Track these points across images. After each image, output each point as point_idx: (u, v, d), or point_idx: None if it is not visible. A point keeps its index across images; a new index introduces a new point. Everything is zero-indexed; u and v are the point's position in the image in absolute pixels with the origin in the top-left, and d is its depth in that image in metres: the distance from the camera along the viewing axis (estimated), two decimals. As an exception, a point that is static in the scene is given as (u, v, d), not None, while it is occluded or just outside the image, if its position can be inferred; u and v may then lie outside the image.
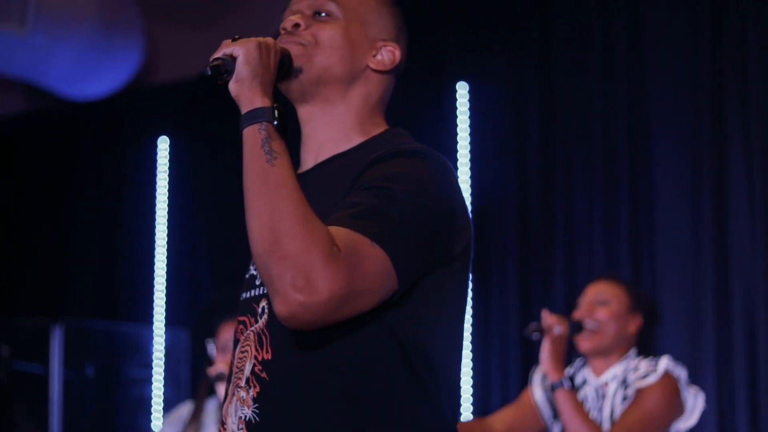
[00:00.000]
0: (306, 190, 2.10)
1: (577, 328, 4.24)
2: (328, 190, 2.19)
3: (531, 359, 6.18)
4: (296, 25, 2.30)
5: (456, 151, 6.59)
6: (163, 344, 7.52)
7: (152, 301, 7.74)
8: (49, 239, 8.45)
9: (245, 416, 2.15)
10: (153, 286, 7.75)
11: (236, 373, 2.21)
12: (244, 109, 2.15)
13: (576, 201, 6.23)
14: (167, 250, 7.80)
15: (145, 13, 8.13)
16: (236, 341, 2.24)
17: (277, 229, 2.01)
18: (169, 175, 7.91)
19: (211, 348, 4.48)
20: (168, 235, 7.86)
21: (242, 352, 2.20)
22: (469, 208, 6.29)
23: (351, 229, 2.04)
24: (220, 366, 4.39)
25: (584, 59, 6.29)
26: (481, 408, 6.40)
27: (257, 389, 2.13)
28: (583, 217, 6.18)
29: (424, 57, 6.94)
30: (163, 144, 7.97)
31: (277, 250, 2.00)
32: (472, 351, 6.46)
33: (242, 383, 2.17)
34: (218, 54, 2.18)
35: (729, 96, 5.79)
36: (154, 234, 7.89)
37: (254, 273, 2.23)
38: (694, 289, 5.76)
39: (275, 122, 2.13)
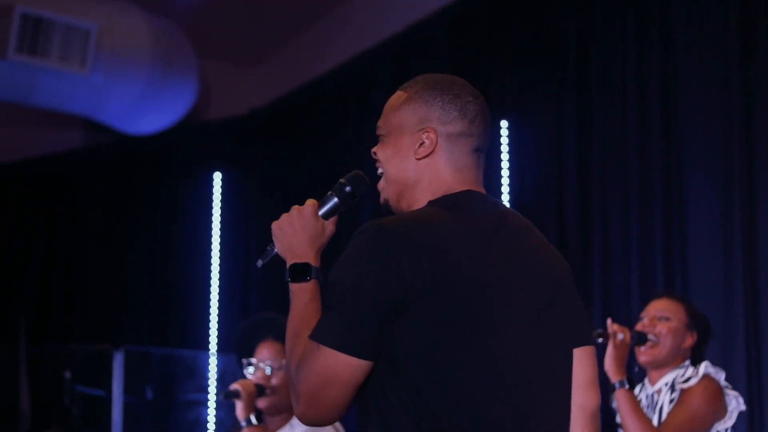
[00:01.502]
0: None
1: (640, 339, 4.51)
2: None
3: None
4: (374, 152, 2.68)
5: (499, 185, 6.76)
6: (216, 369, 7.71)
7: (207, 328, 7.93)
8: (108, 270, 8.64)
9: None
10: (208, 314, 7.95)
11: None
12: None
13: (612, 233, 6.35)
14: (220, 279, 8.00)
15: (198, 51, 8.37)
16: None
17: (288, 355, 2.51)
18: (222, 208, 8.11)
19: (248, 367, 4.56)
20: (221, 265, 8.07)
21: None
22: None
23: (310, 339, 2.43)
24: (235, 384, 4.45)
25: (620, 96, 6.40)
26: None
27: None
28: (619, 245, 6.30)
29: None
30: (217, 178, 8.18)
31: (287, 371, 2.52)
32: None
33: None
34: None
35: (759, 125, 5.91)
36: (209, 264, 8.08)
37: None
38: (726, 303, 5.90)
39: (288, 279, 2.59)
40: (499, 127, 6.76)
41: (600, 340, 4.46)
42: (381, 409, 2.40)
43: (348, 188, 2.70)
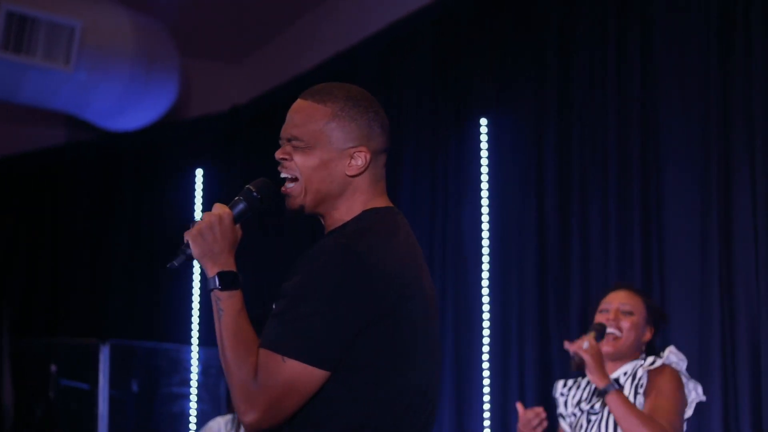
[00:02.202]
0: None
1: (601, 334, 4.56)
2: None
3: (548, 375, 6.42)
4: (283, 158, 2.74)
5: (479, 182, 6.80)
6: (198, 363, 7.75)
7: (190, 322, 7.96)
8: (92, 265, 8.67)
9: None
10: (191, 308, 7.99)
11: None
12: (207, 276, 2.67)
13: (591, 230, 6.37)
14: (201, 274, 8.03)
15: (180, 48, 8.40)
16: None
17: (224, 369, 2.59)
18: (204, 204, 8.13)
19: None
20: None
21: None
22: (488, 235, 6.54)
23: (267, 349, 2.54)
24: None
25: (600, 95, 6.44)
26: (499, 423, 6.63)
27: None
28: (598, 244, 6.31)
29: (447, 94, 7.18)
30: (199, 174, 8.19)
31: (228, 383, 2.59)
32: (490, 369, 6.69)
33: None
34: (184, 240, 2.69)
35: (735, 124, 5.98)
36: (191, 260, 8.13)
37: None
38: (702, 297, 5.96)
39: (218, 286, 2.62)
40: (479, 125, 6.81)
41: (577, 365, 4.53)
42: (316, 411, 2.58)
43: (256, 194, 2.75)
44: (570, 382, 4.77)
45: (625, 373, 4.57)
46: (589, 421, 4.56)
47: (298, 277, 2.57)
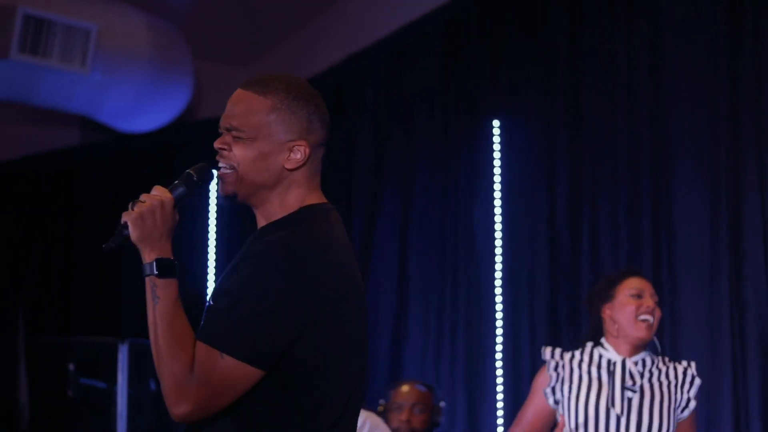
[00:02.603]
0: (234, 260, 2.64)
1: None
2: (236, 260, 2.65)
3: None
4: (222, 148, 2.74)
5: (492, 183, 6.87)
6: None
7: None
8: (107, 264, 8.70)
9: None
10: (204, 307, 8.01)
11: None
12: (143, 261, 2.63)
13: (601, 230, 6.45)
14: (216, 273, 8.08)
15: (193, 51, 8.45)
16: None
17: (156, 358, 2.56)
18: (218, 203, 8.17)
19: None
20: (216, 260, 8.14)
21: None
22: (500, 235, 6.58)
23: (206, 344, 2.52)
24: None
25: (610, 97, 6.51)
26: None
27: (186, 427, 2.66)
28: (608, 244, 6.39)
29: (457, 96, 7.22)
30: (213, 175, 8.21)
31: (158, 373, 2.56)
32: (503, 368, 6.74)
33: None
34: (121, 221, 2.65)
35: (745, 121, 6.04)
36: (206, 259, 8.18)
37: None
38: (712, 297, 6.02)
39: (156, 273, 2.59)
40: (492, 127, 6.86)
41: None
42: (250, 408, 2.58)
43: (196, 179, 2.76)
44: (566, 353, 4.72)
45: (643, 361, 4.60)
46: (624, 397, 4.55)
47: (241, 273, 2.57)
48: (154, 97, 8.22)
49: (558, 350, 4.70)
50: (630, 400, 4.49)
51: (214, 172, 2.79)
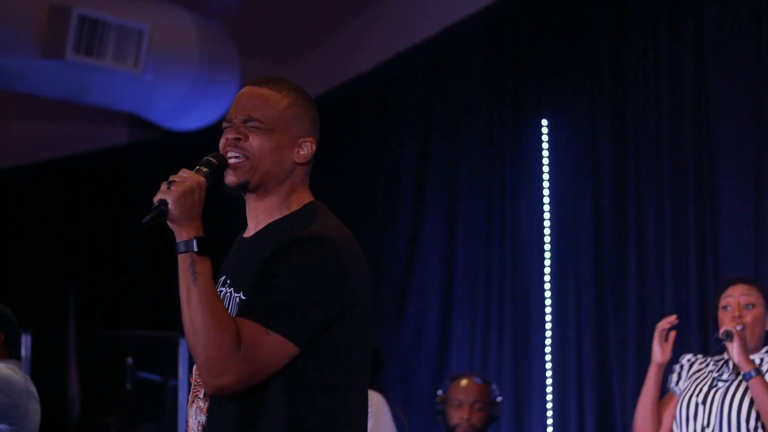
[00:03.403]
0: (249, 252, 2.79)
1: (728, 335, 4.56)
2: (259, 253, 2.75)
3: (606, 370, 6.52)
4: (237, 138, 2.81)
5: (540, 183, 6.91)
6: None
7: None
8: (156, 259, 8.79)
9: (201, 421, 2.80)
10: None
11: (196, 385, 2.85)
12: (177, 240, 2.71)
13: (647, 225, 6.46)
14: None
15: (239, 50, 8.52)
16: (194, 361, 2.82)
17: (195, 332, 2.62)
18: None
19: None
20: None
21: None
22: (549, 233, 6.63)
23: (252, 321, 2.63)
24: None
25: (654, 95, 6.53)
26: (559, 417, 6.73)
27: (208, 404, 2.78)
28: (654, 239, 6.40)
29: (501, 97, 7.26)
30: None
31: (196, 347, 2.63)
32: (552, 369, 6.80)
33: (201, 395, 2.82)
34: (156, 199, 2.72)
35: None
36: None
37: None
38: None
39: (196, 250, 2.68)
40: (540, 126, 6.89)
41: (725, 340, 4.58)
42: (290, 388, 2.68)
43: (217, 164, 2.83)
44: (696, 357, 4.83)
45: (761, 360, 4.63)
46: (713, 386, 4.63)
47: (283, 261, 2.67)
48: (202, 96, 8.28)
49: (687, 356, 4.84)
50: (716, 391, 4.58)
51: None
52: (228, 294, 2.80)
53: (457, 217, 7.40)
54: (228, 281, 2.81)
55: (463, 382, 5.75)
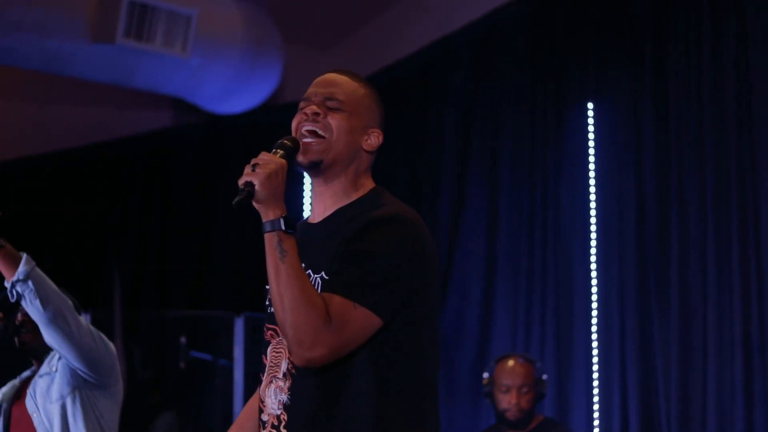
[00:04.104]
0: (322, 236, 2.87)
1: None
2: (333, 236, 2.84)
3: (649, 350, 6.54)
4: (316, 113, 2.91)
5: (586, 165, 6.91)
6: None
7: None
8: (199, 240, 8.83)
9: (283, 400, 2.85)
10: None
11: (272, 366, 2.91)
12: (263, 219, 2.77)
13: (689, 204, 6.49)
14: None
15: (282, 35, 8.55)
16: (267, 342, 2.94)
17: (285, 308, 2.70)
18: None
19: None
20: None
21: (277, 352, 2.90)
22: (595, 215, 6.65)
23: (340, 296, 2.72)
24: None
25: (696, 80, 6.53)
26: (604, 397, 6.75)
27: (290, 382, 2.84)
28: (696, 223, 6.43)
29: (547, 80, 7.27)
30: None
31: (286, 322, 2.70)
32: (598, 348, 6.81)
33: (280, 375, 2.87)
34: (242, 181, 2.78)
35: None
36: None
37: None
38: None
39: (284, 228, 2.74)
40: (586, 110, 6.90)
41: None
42: (374, 360, 2.77)
43: (292, 146, 2.89)
44: None
45: None
46: None
47: (367, 240, 2.77)
48: (246, 80, 8.33)
49: None
50: None
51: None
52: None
53: (500, 200, 7.41)
54: (303, 265, 2.81)
55: (509, 363, 5.78)
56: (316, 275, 2.81)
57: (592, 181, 6.84)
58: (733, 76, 6.42)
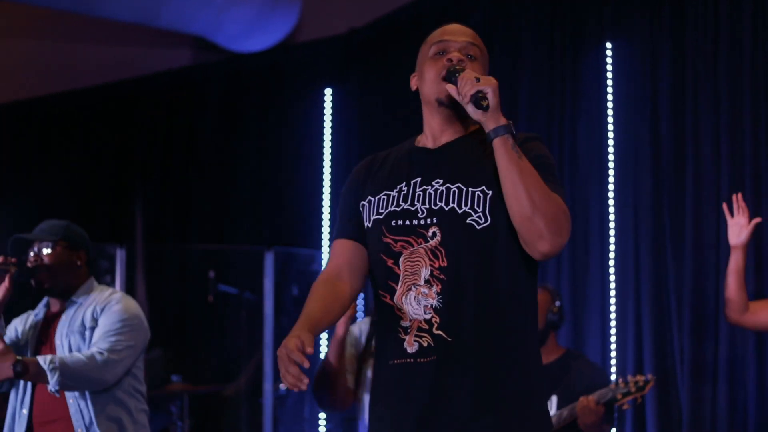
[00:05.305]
0: (453, 156, 3.15)
1: None
2: (465, 158, 3.14)
3: (664, 292, 6.60)
4: (461, 61, 3.18)
5: (605, 105, 6.89)
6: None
7: (320, 228, 8.22)
8: (221, 176, 8.89)
9: (431, 305, 3.03)
10: (320, 216, 8.17)
11: (409, 275, 3.07)
12: (492, 125, 3.03)
13: (703, 144, 6.48)
14: (331, 185, 8.20)
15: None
16: (398, 253, 3.10)
17: (535, 201, 2.96)
18: (333, 119, 8.29)
19: None
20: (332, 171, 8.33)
21: (412, 261, 3.07)
22: (613, 158, 6.66)
23: (558, 195, 3.02)
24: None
25: (713, 22, 6.51)
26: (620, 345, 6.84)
27: (439, 287, 3.03)
28: (710, 158, 6.43)
29: (567, 21, 7.26)
30: (327, 94, 8.31)
31: (537, 213, 2.95)
32: (616, 290, 6.88)
33: (420, 282, 3.05)
34: (473, 90, 3.03)
35: None
36: (321, 172, 8.34)
37: (410, 208, 3.12)
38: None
39: (514, 132, 3.03)
40: (605, 50, 6.93)
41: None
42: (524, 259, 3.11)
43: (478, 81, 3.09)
44: None
45: None
46: None
47: (538, 150, 3.13)
48: (267, 19, 8.37)
49: None
50: None
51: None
52: (443, 189, 3.10)
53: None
54: (436, 180, 3.12)
55: None
56: (468, 187, 3.09)
57: (610, 119, 6.85)
58: (750, 17, 6.43)
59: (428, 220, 3.08)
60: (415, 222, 3.09)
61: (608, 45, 6.88)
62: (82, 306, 4.57)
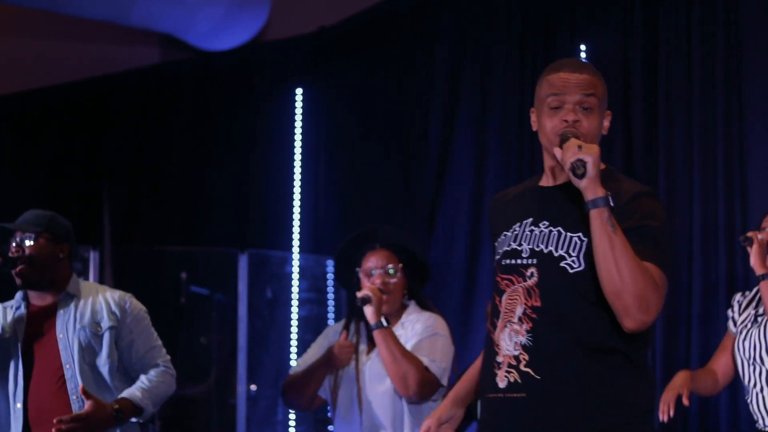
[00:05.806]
0: (562, 199, 3.16)
1: None
2: (571, 203, 3.12)
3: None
4: (576, 121, 3.13)
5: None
6: (298, 268, 7.72)
7: (291, 228, 8.08)
8: (190, 177, 8.83)
9: (520, 342, 3.10)
10: (291, 218, 8.04)
11: (507, 312, 3.16)
12: (591, 196, 3.02)
13: (675, 144, 6.50)
14: (301, 186, 8.14)
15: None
16: (502, 291, 3.18)
17: (624, 277, 2.97)
18: (303, 120, 8.16)
19: (359, 274, 4.76)
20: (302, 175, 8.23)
21: (512, 299, 3.15)
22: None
23: (655, 265, 3.02)
24: (364, 290, 4.64)
25: (685, 20, 6.51)
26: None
27: (530, 325, 3.09)
28: (682, 159, 6.44)
29: (540, 21, 7.26)
30: (298, 93, 8.19)
31: (625, 289, 2.97)
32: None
33: (515, 319, 3.13)
34: (573, 159, 3.02)
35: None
36: (292, 174, 8.24)
37: (518, 248, 3.19)
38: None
39: (612, 204, 3.02)
40: (579, 51, 6.92)
41: (745, 243, 4.71)
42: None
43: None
44: (748, 293, 4.87)
45: None
46: (755, 321, 4.69)
47: (647, 209, 3.09)
48: (236, 17, 8.32)
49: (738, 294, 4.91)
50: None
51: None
52: (546, 231, 3.16)
53: (488, 133, 7.36)
54: (543, 222, 3.17)
55: None
56: (567, 232, 3.12)
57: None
58: (723, 18, 6.42)
59: (529, 261, 3.16)
60: (518, 261, 3.18)
61: (582, 47, 6.86)
62: (81, 300, 4.42)
